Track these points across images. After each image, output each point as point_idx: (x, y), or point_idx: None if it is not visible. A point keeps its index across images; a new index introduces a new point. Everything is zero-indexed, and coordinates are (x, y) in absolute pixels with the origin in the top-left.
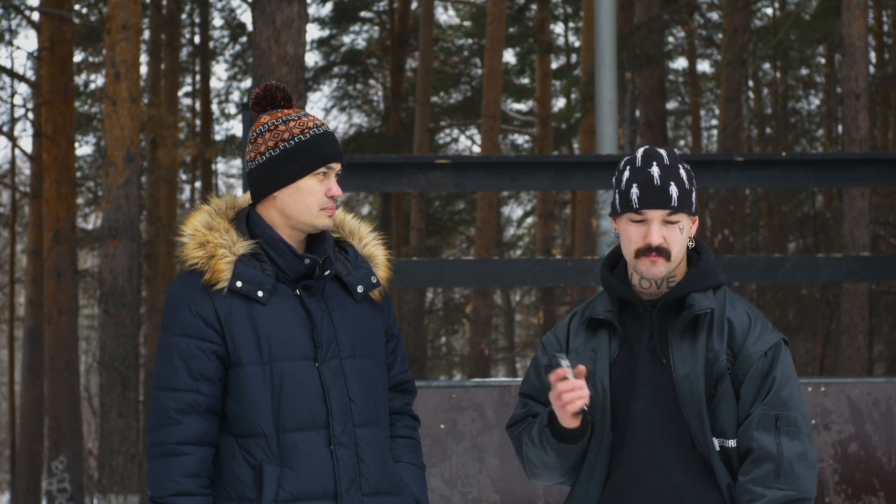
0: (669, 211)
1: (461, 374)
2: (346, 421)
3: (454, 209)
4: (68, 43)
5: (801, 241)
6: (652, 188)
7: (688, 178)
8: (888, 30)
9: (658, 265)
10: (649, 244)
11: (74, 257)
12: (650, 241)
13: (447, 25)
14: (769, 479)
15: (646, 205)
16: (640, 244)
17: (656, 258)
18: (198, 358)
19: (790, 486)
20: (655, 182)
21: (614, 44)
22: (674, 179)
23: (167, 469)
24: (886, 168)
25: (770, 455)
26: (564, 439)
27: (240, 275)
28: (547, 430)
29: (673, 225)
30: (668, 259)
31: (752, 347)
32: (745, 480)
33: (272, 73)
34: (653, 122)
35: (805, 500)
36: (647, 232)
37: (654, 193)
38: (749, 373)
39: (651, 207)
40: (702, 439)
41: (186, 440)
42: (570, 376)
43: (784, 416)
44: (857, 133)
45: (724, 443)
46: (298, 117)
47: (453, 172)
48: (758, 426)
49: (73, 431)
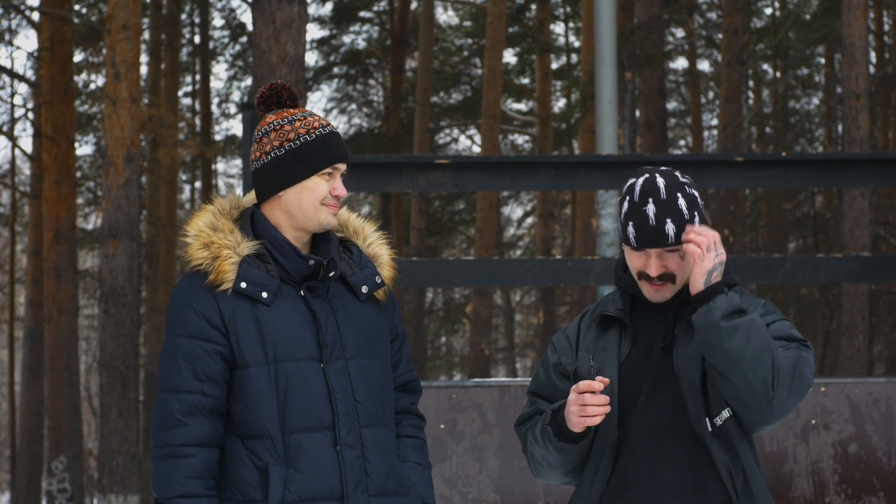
0: (666, 248)
1: (461, 374)
2: (352, 422)
3: (454, 209)
4: (68, 43)
5: (801, 241)
6: (647, 228)
7: (688, 207)
8: (888, 30)
9: (662, 291)
10: (648, 274)
11: (74, 257)
12: (649, 272)
13: (447, 25)
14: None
15: (642, 245)
16: (642, 269)
17: (660, 286)
18: (202, 359)
19: (792, 354)
20: (651, 222)
21: (614, 44)
22: (670, 216)
23: (172, 470)
24: (886, 168)
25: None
26: (566, 439)
27: (244, 276)
28: (549, 428)
29: (673, 253)
30: (673, 282)
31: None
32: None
33: (272, 73)
34: (653, 122)
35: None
36: (646, 263)
37: (649, 233)
38: None
39: (647, 247)
40: (697, 420)
41: (192, 441)
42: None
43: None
44: (857, 133)
45: (718, 419)
46: (304, 117)
47: (453, 172)
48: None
49: (73, 431)
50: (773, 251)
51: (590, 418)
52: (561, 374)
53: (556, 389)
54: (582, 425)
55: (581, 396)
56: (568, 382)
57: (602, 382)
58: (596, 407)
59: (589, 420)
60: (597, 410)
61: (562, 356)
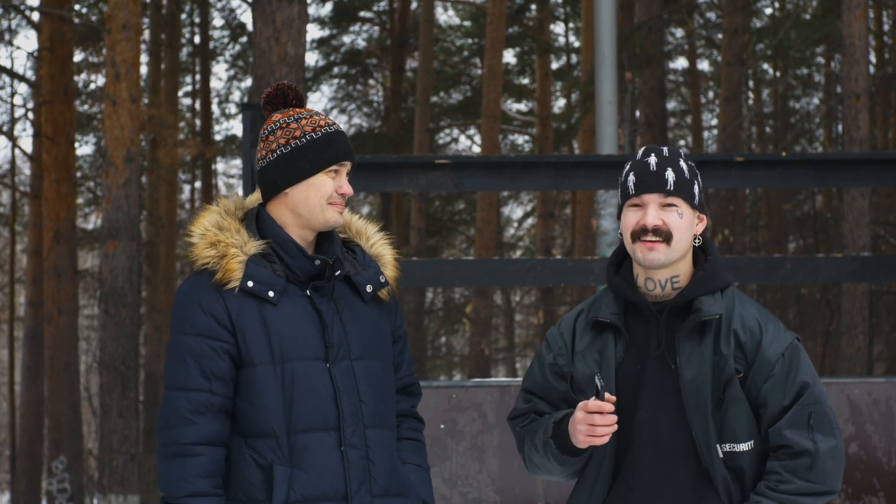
0: (664, 194)
1: (461, 374)
2: (357, 422)
3: (454, 209)
4: (68, 43)
5: (801, 241)
6: (648, 173)
7: (689, 170)
8: (888, 30)
9: (656, 250)
10: (644, 226)
11: (74, 257)
12: (645, 222)
13: (447, 25)
14: (802, 471)
15: (641, 189)
16: (636, 227)
17: (654, 243)
18: (210, 357)
19: (819, 481)
20: (651, 168)
21: (614, 44)
22: (671, 166)
23: (181, 469)
24: (886, 168)
25: (808, 451)
26: (569, 452)
27: (251, 275)
28: (552, 442)
29: (671, 208)
30: (668, 243)
31: (768, 350)
32: (779, 465)
33: (272, 73)
34: (653, 122)
35: (830, 495)
36: (643, 214)
37: (649, 178)
38: (772, 374)
39: (647, 192)
40: (704, 444)
41: (200, 440)
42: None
43: (817, 412)
44: (857, 133)
45: (734, 447)
46: (310, 115)
47: (453, 172)
48: (791, 425)
49: (73, 431)
50: (773, 251)
51: (598, 438)
52: (556, 373)
53: (553, 389)
54: (588, 444)
55: (590, 416)
56: (564, 382)
57: (610, 402)
58: (605, 427)
59: (597, 440)
60: (605, 431)
61: (557, 356)
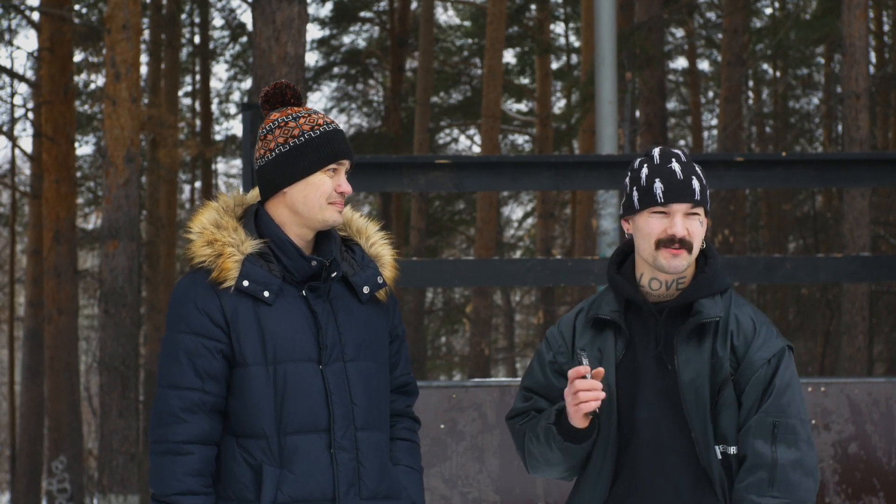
0: (692, 204)
1: (461, 374)
2: (348, 425)
3: (454, 209)
4: (68, 43)
5: (801, 241)
6: (676, 182)
7: (703, 176)
8: (888, 30)
9: (680, 258)
10: (673, 235)
11: (74, 257)
12: (674, 231)
13: (447, 25)
14: (763, 488)
15: (671, 198)
16: (662, 235)
17: (679, 251)
18: (204, 356)
19: (785, 495)
20: (679, 176)
21: (614, 44)
22: (694, 174)
23: (171, 467)
24: (886, 168)
25: (765, 463)
26: (571, 438)
27: (247, 274)
28: (554, 427)
29: (694, 217)
30: (689, 251)
31: (755, 354)
32: (740, 487)
33: (272, 73)
34: (653, 122)
35: None
36: (670, 224)
37: (678, 187)
38: (752, 380)
39: (676, 201)
40: (703, 446)
41: (191, 439)
42: (588, 375)
43: (782, 423)
44: (857, 133)
45: (727, 449)
46: (308, 114)
47: (453, 172)
48: (755, 433)
49: (73, 431)
50: (773, 251)
51: (584, 404)
52: (556, 372)
53: (553, 388)
54: (580, 414)
55: (573, 385)
56: (563, 380)
57: (587, 369)
58: (587, 392)
59: (584, 406)
60: (589, 395)
61: (557, 354)
